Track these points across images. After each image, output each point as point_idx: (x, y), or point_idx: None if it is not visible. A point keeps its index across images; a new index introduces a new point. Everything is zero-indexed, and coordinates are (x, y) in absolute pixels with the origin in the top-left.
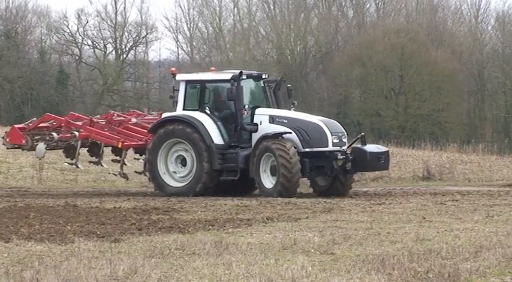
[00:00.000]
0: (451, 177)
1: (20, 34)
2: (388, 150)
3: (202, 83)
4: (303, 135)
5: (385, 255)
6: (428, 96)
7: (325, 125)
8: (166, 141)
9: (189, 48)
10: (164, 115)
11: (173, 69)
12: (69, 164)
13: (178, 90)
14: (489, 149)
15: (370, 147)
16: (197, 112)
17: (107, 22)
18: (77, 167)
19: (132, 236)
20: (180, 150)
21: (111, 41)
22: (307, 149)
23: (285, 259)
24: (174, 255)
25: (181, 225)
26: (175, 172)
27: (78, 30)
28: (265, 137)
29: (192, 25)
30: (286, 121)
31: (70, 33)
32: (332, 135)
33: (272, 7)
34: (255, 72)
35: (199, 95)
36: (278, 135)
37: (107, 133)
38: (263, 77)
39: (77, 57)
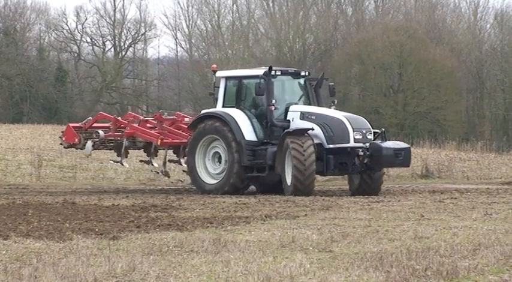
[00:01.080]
0: (449, 175)
1: (19, 31)
2: (408, 147)
3: (239, 79)
4: (327, 132)
5: (383, 253)
6: (427, 94)
7: (348, 120)
8: (203, 138)
9: (188, 46)
10: (202, 112)
11: (214, 66)
12: (114, 161)
13: (218, 87)
14: (488, 146)
15: (388, 143)
16: (233, 109)
17: (105, 19)
18: (122, 164)
19: (130, 234)
20: (216, 147)
21: (110, 39)
22: (331, 146)
23: (283, 257)
24: (172, 253)
25: (179, 223)
26: (211, 169)
27: (76, 27)
28: (287, 134)
29: (190, 22)
30: (314, 117)
31: (69, 31)
32: (354, 131)
33: (271, 4)
34: (293, 69)
35: (236, 91)
36: (298, 132)
37: (147, 130)
38: (302, 74)
39: (76, 55)
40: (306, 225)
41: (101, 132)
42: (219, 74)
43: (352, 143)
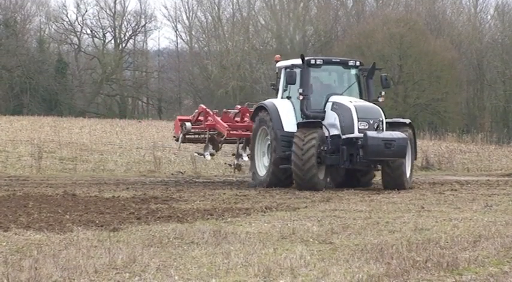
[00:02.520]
0: (449, 167)
1: (19, 23)
2: (403, 137)
3: (291, 68)
4: (341, 122)
5: (383, 245)
6: (428, 86)
7: (356, 109)
8: (259, 130)
9: (188, 38)
10: (259, 103)
11: (278, 56)
12: (198, 154)
13: (280, 78)
14: (488, 138)
15: (379, 133)
16: (283, 99)
17: (106, 11)
18: (204, 157)
19: (130, 225)
20: (268, 139)
21: (110, 30)
22: (343, 136)
23: (283, 248)
24: (172, 244)
25: (180, 215)
26: (264, 161)
27: (77, 19)
28: (298, 126)
29: (191, 14)
30: (337, 107)
31: (69, 22)
32: (359, 121)
33: None
34: (338, 58)
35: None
36: (307, 125)
37: (220, 122)
38: (350, 64)
39: (76, 46)
40: (307, 217)
41: (188, 124)
42: (279, 64)
43: (356, 133)
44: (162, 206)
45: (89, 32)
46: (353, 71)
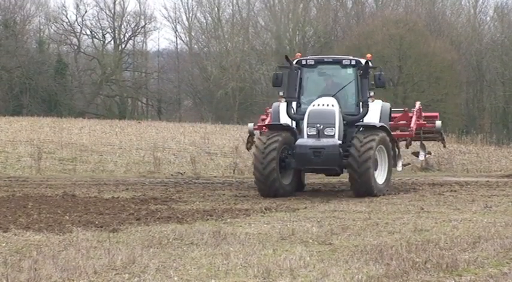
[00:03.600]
0: (449, 168)
1: (19, 24)
2: (334, 145)
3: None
4: (301, 126)
5: (383, 246)
6: (427, 87)
7: (309, 113)
8: None
9: (188, 38)
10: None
11: (299, 54)
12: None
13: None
14: (487, 139)
15: (309, 140)
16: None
17: (105, 12)
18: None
19: (130, 226)
20: None
21: (110, 31)
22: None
23: (283, 249)
24: (172, 245)
25: (179, 215)
26: None
27: (76, 20)
28: (267, 127)
29: (190, 15)
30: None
31: (68, 23)
32: (308, 126)
33: None
34: (331, 57)
35: None
36: (274, 127)
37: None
38: (344, 62)
39: (76, 47)
40: (306, 218)
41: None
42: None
43: (304, 139)
44: (161, 207)
45: (88, 32)
46: (349, 70)
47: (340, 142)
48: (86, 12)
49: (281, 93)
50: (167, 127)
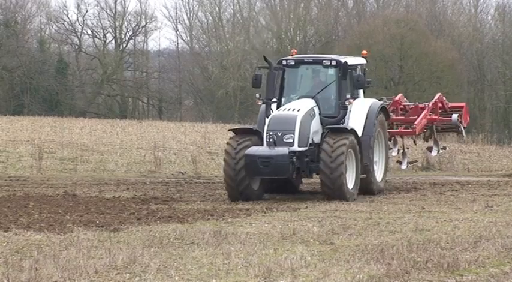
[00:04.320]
0: (450, 167)
1: (20, 23)
2: (284, 154)
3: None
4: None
5: (384, 245)
6: (428, 86)
7: (270, 119)
8: None
9: (189, 38)
10: None
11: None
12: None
13: None
14: (489, 139)
15: (259, 149)
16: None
17: (106, 11)
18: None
19: (131, 226)
20: None
21: (111, 31)
22: None
23: (284, 249)
24: (173, 245)
25: (180, 215)
26: None
27: (77, 19)
28: (234, 131)
29: (191, 14)
30: None
31: (69, 23)
32: (267, 133)
33: None
34: (312, 57)
35: None
36: (241, 130)
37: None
38: (325, 62)
39: (77, 47)
40: (307, 218)
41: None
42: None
43: (254, 148)
44: (162, 207)
45: (89, 32)
46: (330, 71)
47: (299, 149)
48: (86, 11)
49: (257, 95)
50: (168, 126)
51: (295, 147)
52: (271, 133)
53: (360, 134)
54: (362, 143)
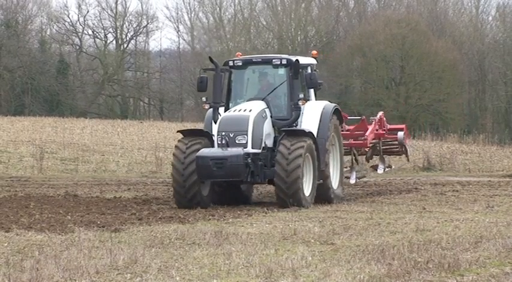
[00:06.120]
0: (451, 168)
1: (21, 24)
2: (238, 155)
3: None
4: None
5: (385, 246)
6: (429, 87)
7: (220, 121)
8: None
9: (190, 38)
10: None
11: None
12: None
13: None
14: (489, 139)
15: (211, 151)
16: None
17: (107, 12)
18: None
19: (132, 226)
20: None
21: (112, 31)
22: None
23: (285, 249)
24: (174, 245)
25: (181, 215)
26: None
27: (78, 19)
28: (182, 133)
29: (192, 15)
30: None
31: (70, 23)
32: (218, 134)
33: None
34: (260, 56)
35: None
36: (191, 133)
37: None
38: (275, 62)
39: (78, 47)
40: (308, 218)
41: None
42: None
43: (206, 150)
44: (163, 207)
45: (90, 32)
46: (280, 71)
47: (253, 151)
48: (87, 12)
49: (204, 99)
50: (169, 127)
51: (249, 149)
52: (223, 134)
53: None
54: (318, 146)
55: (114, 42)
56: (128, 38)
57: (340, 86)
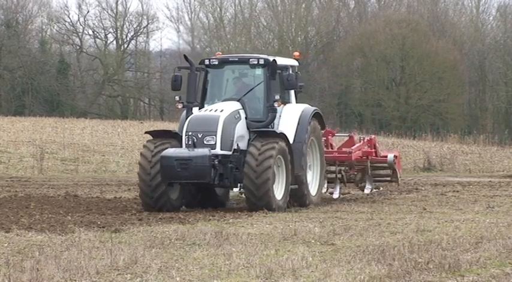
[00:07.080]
0: (451, 168)
1: (21, 24)
2: (204, 156)
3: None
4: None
5: (385, 246)
6: (430, 87)
7: (189, 120)
8: None
9: (190, 38)
10: None
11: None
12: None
13: None
14: (490, 140)
15: (176, 151)
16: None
17: (107, 12)
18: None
19: (132, 226)
20: None
21: (112, 31)
22: None
23: (285, 250)
24: (174, 246)
25: (181, 216)
26: None
27: (79, 19)
28: (151, 134)
29: (193, 15)
30: None
31: (71, 23)
32: (186, 134)
33: None
34: (237, 56)
35: None
36: (161, 134)
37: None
38: (252, 62)
39: (78, 47)
40: (308, 218)
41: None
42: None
43: (171, 150)
44: None
45: (90, 32)
46: (257, 71)
47: (222, 153)
48: (88, 12)
49: (177, 98)
50: (169, 127)
51: (218, 150)
52: (190, 134)
53: (291, 141)
54: (294, 150)
55: (114, 42)
56: (128, 38)
57: (341, 86)
